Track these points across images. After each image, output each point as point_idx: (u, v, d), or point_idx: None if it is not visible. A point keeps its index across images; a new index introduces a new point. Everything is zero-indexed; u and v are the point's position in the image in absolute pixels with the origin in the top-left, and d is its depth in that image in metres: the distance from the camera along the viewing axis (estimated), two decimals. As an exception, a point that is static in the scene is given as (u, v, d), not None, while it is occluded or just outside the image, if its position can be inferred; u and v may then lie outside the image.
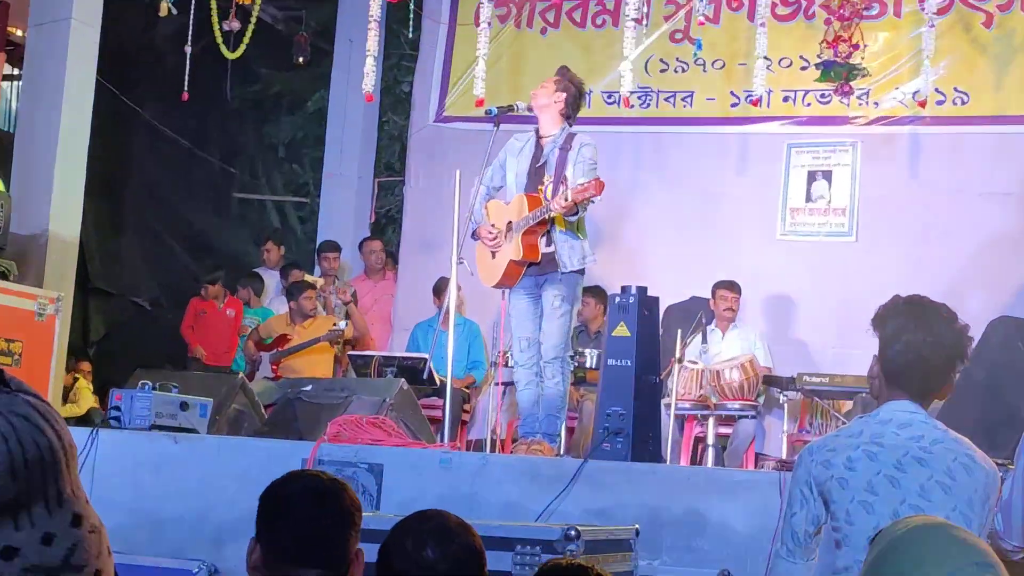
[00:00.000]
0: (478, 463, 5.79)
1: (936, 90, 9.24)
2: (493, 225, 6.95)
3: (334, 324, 9.79)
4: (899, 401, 3.31)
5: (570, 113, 7.04)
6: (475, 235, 7.03)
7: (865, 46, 8.63)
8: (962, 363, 3.34)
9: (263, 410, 7.96)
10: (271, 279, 11.24)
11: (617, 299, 6.38)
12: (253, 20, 10.02)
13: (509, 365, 8.63)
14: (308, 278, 10.64)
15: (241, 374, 8.65)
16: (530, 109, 7.08)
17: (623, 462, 5.86)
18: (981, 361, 5.67)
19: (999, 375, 5.48)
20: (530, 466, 5.76)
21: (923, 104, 8.81)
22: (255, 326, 10.37)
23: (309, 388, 7.62)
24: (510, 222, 6.87)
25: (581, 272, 6.87)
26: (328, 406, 7.18)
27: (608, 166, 10.02)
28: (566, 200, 6.40)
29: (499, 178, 7.13)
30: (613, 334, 6.30)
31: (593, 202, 6.48)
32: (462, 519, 2.80)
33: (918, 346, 3.28)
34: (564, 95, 7.02)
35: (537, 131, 7.07)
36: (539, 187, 6.80)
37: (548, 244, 6.77)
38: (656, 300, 6.60)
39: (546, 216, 6.63)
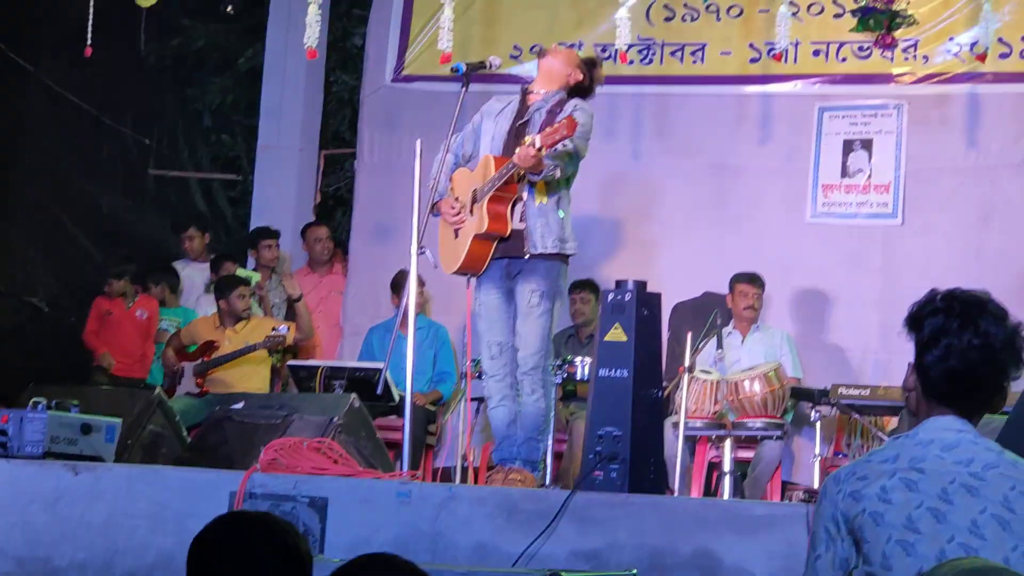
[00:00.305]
0: (443, 496, 5.79)
1: (1000, 40, 9.26)
2: (456, 198, 6.97)
3: (273, 328, 9.78)
4: (943, 418, 3.30)
5: (572, 92, 7.13)
6: (435, 209, 7.06)
7: (912, -12, 8.65)
8: (1017, 370, 3.34)
9: (185, 433, 7.96)
10: (195, 273, 11.21)
11: (610, 296, 6.39)
12: (171, -41, 10.00)
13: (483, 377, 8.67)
14: (242, 272, 10.62)
15: (158, 389, 8.64)
16: (526, 75, 7.15)
17: (619, 493, 5.87)
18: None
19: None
20: (506, 499, 5.76)
21: (983, 58, 8.83)
22: (175, 330, 10.35)
23: (241, 406, 7.63)
24: (475, 190, 6.93)
25: (562, 259, 6.92)
26: (264, 427, 7.18)
27: (602, 134, 10.03)
28: (535, 147, 6.43)
29: (471, 144, 7.21)
30: (606, 339, 6.31)
31: (565, 147, 6.53)
32: (416, 567, 2.79)
33: (963, 351, 3.26)
34: (581, 77, 7.16)
35: (525, 89, 7.16)
36: (517, 148, 6.77)
37: (520, 219, 6.84)
38: (658, 297, 6.60)
39: (514, 172, 6.67)
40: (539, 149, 6.45)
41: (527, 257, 6.86)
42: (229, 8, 11.67)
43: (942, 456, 3.25)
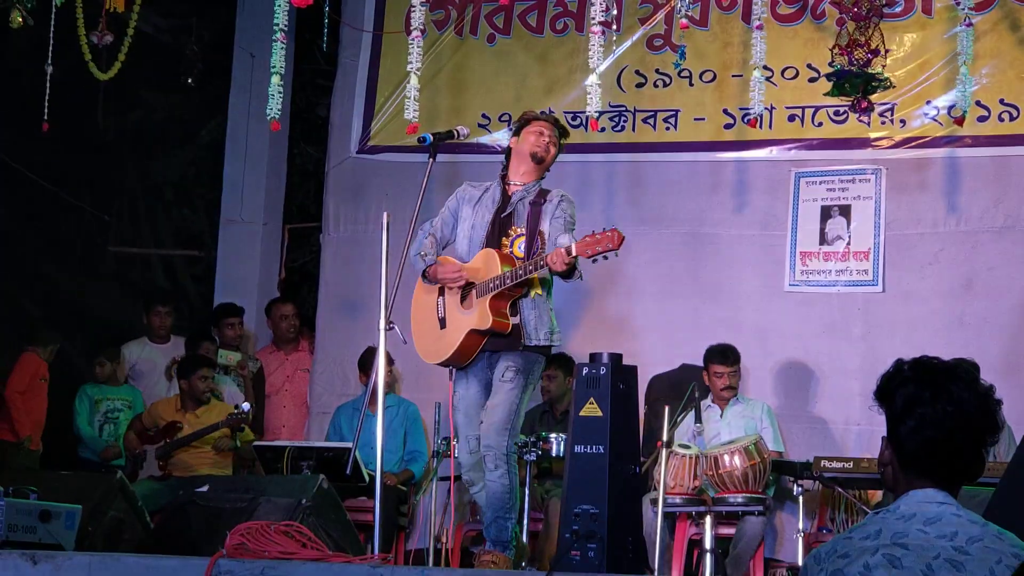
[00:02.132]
0: (416, 579, 5.78)
1: (977, 103, 9.37)
2: (460, 271, 7.03)
3: (235, 407, 9.77)
4: (923, 491, 3.32)
5: (549, 168, 7.36)
6: (426, 276, 7.13)
7: (887, 51, 8.70)
8: (993, 434, 3.36)
9: (148, 518, 7.92)
10: (155, 353, 11.14)
11: (585, 370, 6.41)
12: (130, 32, 10.03)
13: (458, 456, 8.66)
14: (223, 353, 10.62)
15: (120, 473, 8.60)
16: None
17: (597, 574, 5.86)
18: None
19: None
20: (481, 582, 5.76)
21: (961, 121, 8.90)
22: (125, 409, 10.33)
23: (206, 489, 7.60)
24: (470, 283, 7.02)
25: (546, 350, 7.08)
26: (230, 511, 7.17)
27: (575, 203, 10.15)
28: (569, 255, 6.61)
29: (449, 230, 7.31)
30: (581, 414, 6.32)
31: (606, 258, 6.69)
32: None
33: (938, 420, 3.28)
34: (555, 151, 7.40)
35: (503, 178, 7.28)
36: (503, 240, 7.02)
37: (513, 313, 6.96)
38: (634, 370, 6.62)
39: (531, 276, 6.84)
40: (573, 256, 6.63)
41: (520, 350, 6.98)
42: (189, 80, 11.68)
43: (925, 530, 3.25)
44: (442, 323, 7.15)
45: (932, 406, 3.29)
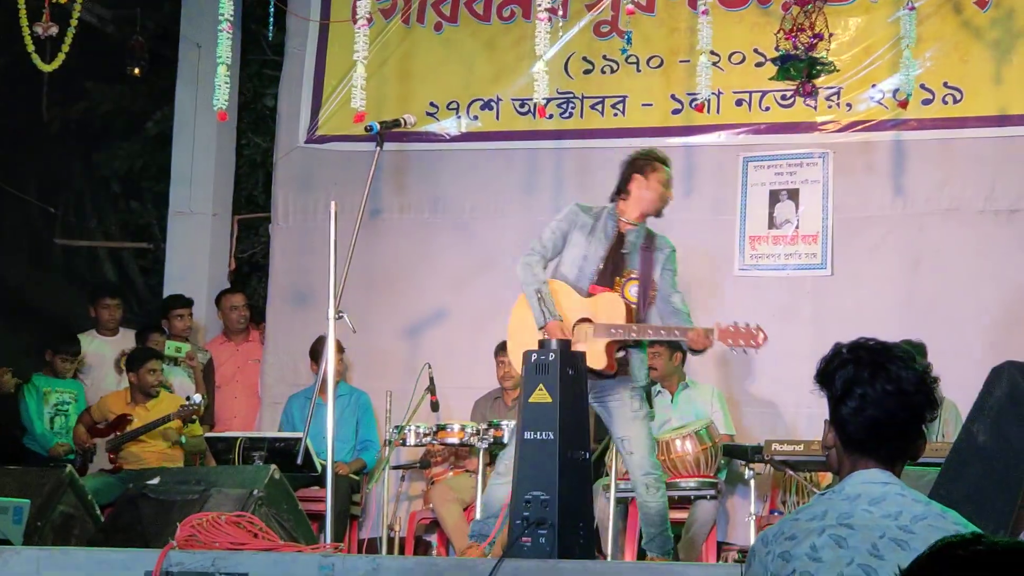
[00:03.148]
0: (368, 568, 5.77)
1: (921, 87, 9.43)
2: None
3: (186, 399, 9.74)
4: (867, 471, 3.34)
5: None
6: (545, 331, 7.15)
7: (831, 35, 8.75)
8: (932, 411, 3.38)
9: (98, 512, 7.89)
10: (104, 346, 11.08)
11: (533, 357, 6.42)
12: (74, 22, 9.96)
13: (408, 444, 8.68)
14: (171, 344, 10.56)
15: (69, 467, 8.55)
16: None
17: (547, 559, 5.88)
18: (983, 419, 5.75)
19: (1005, 433, 5.55)
20: (432, 570, 5.77)
21: (905, 104, 8.96)
22: (72, 403, 10.27)
23: (156, 481, 7.57)
24: (587, 319, 7.16)
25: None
26: (181, 503, 7.15)
27: (523, 190, 10.19)
28: (711, 340, 7.04)
29: (556, 251, 7.43)
30: (530, 400, 6.32)
31: (745, 352, 7.24)
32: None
33: (878, 399, 3.31)
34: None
35: (616, 213, 7.41)
36: (616, 279, 7.24)
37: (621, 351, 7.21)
38: (583, 356, 6.64)
39: (657, 340, 7.48)
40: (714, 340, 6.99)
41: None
42: (135, 70, 11.61)
43: (870, 510, 3.26)
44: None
45: (871, 386, 3.32)
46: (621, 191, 7.49)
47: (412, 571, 5.78)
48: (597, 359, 7.09)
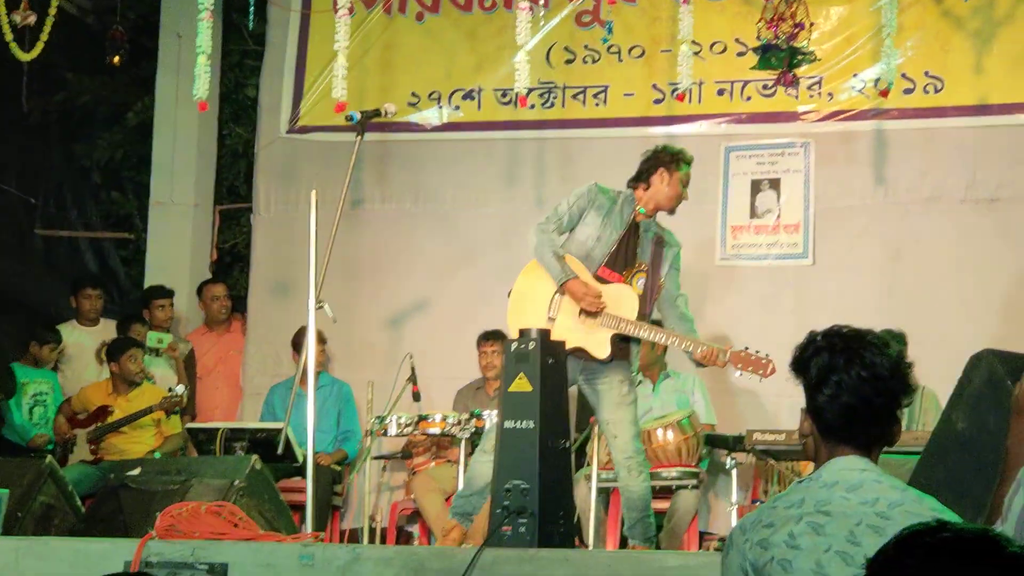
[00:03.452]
0: (348, 558, 5.77)
1: (903, 76, 9.45)
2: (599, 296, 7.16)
3: (169, 389, 9.73)
4: (844, 458, 3.35)
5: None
6: (562, 289, 7.18)
7: (812, 24, 8.77)
8: (908, 396, 3.40)
9: (79, 502, 7.87)
10: (84, 337, 11.05)
11: (514, 346, 6.41)
12: (53, 11, 9.94)
13: (390, 435, 8.68)
14: (153, 335, 10.53)
15: (49, 458, 8.54)
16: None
17: (528, 549, 5.87)
18: (963, 406, 5.77)
19: (983, 420, 5.57)
20: (413, 559, 5.76)
21: (886, 94, 8.97)
22: (49, 392, 10.25)
23: (137, 472, 7.56)
24: (606, 313, 7.18)
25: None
26: (162, 493, 7.14)
27: (505, 180, 10.19)
28: (721, 363, 7.11)
29: (570, 227, 7.39)
30: (510, 390, 6.31)
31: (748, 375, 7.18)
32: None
33: (854, 385, 3.33)
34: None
35: (634, 200, 7.43)
36: (625, 271, 7.25)
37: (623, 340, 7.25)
38: (563, 345, 6.64)
39: (653, 342, 7.53)
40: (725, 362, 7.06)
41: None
42: (116, 60, 11.57)
43: (847, 497, 3.28)
44: (550, 321, 7.21)
45: (846, 372, 3.34)
46: (641, 180, 7.48)
47: (392, 560, 5.77)
48: (600, 348, 7.15)
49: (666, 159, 7.49)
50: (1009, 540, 2.34)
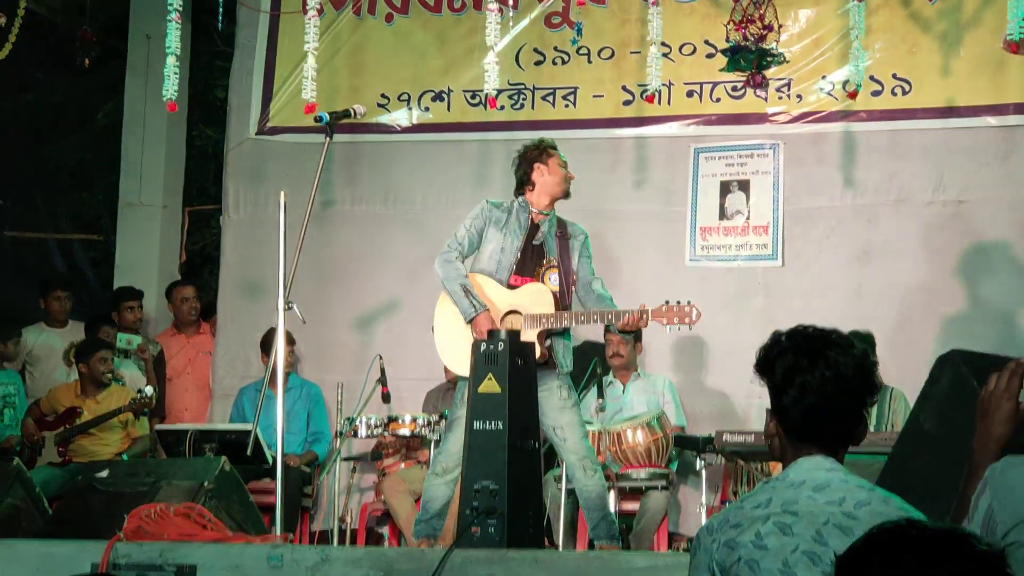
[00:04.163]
0: (317, 559, 5.77)
1: (871, 78, 9.47)
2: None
3: (138, 391, 9.69)
4: (811, 458, 3.36)
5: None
6: (474, 322, 7.17)
7: (781, 27, 8.80)
8: (872, 395, 3.41)
9: (46, 504, 7.84)
10: (54, 338, 11.00)
11: (482, 347, 6.41)
12: (21, 12, 9.91)
13: (359, 436, 8.66)
14: (123, 336, 10.49)
15: (16, 460, 8.50)
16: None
17: (497, 549, 5.88)
18: (930, 407, 5.78)
19: (950, 420, 5.58)
20: (382, 560, 5.75)
21: (854, 95, 9.00)
22: (14, 392, 10.20)
23: (106, 474, 7.53)
24: (515, 312, 7.18)
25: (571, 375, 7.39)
26: (130, 495, 7.11)
27: (475, 182, 10.17)
28: (645, 322, 7.16)
29: (472, 248, 7.49)
30: (479, 391, 6.33)
31: (679, 329, 7.34)
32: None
33: (818, 386, 3.34)
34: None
35: (527, 204, 7.46)
36: (536, 270, 7.29)
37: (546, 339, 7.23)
38: (532, 347, 6.64)
39: (591, 323, 7.40)
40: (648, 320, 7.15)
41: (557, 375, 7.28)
42: (85, 61, 11.53)
43: (814, 497, 3.29)
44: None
45: (811, 373, 3.34)
46: (525, 184, 7.54)
47: (361, 561, 5.77)
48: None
49: (534, 155, 7.58)
50: (977, 538, 2.36)
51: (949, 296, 9.37)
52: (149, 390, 9.69)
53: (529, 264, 7.35)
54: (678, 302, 7.19)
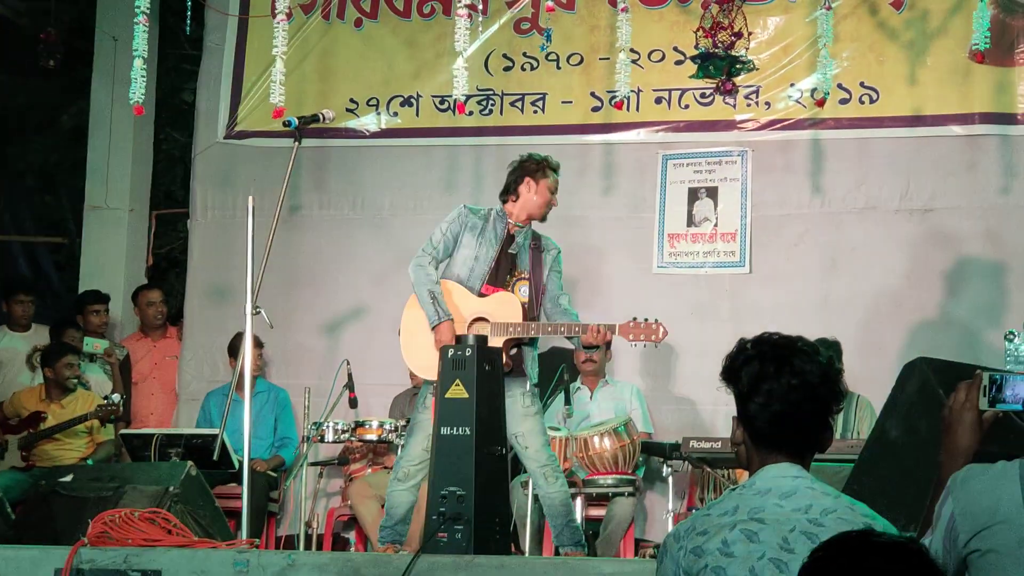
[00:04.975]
0: (283, 564, 5.77)
1: (839, 86, 9.51)
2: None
3: (105, 398, 9.66)
4: (777, 465, 3.37)
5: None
6: (439, 331, 7.16)
7: (750, 34, 8.82)
8: (838, 402, 3.43)
9: (9, 509, 7.81)
10: (17, 342, 10.95)
11: (450, 352, 6.42)
12: (-14, 14, 9.87)
13: (326, 441, 8.66)
14: (89, 340, 10.45)
15: (-21, 465, 8.48)
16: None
17: (463, 555, 5.88)
18: (896, 415, 5.82)
19: (916, 428, 5.62)
20: (348, 565, 5.76)
21: (822, 103, 9.02)
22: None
23: (69, 479, 7.51)
24: (483, 319, 7.18)
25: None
26: (94, 500, 7.10)
27: (443, 187, 10.19)
28: (610, 337, 7.25)
29: (447, 252, 7.48)
30: (446, 396, 6.33)
31: (645, 346, 7.44)
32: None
33: (783, 393, 3.35)
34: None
35: (505, 213, 7.48)
36: (507, 278, 7.32)
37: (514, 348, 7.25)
38: (500, 352, 6.65)
39: (557, 335, 7.43)
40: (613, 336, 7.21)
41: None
42: (50, 63, 11.49)
43: (781, 504, 3.30)
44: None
45: (777, 380, 3.35)
46: (510, 192, 7.56)
47: (327, 567, 5.77)
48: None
49: (531, 168, 7.58)
50: (927, 551, 2.40)
51: (916, 304, 9.42)
52: (116, 397, 9.67)
53: (502, 275, 7.38)
54: (645, 319, 7.24)
